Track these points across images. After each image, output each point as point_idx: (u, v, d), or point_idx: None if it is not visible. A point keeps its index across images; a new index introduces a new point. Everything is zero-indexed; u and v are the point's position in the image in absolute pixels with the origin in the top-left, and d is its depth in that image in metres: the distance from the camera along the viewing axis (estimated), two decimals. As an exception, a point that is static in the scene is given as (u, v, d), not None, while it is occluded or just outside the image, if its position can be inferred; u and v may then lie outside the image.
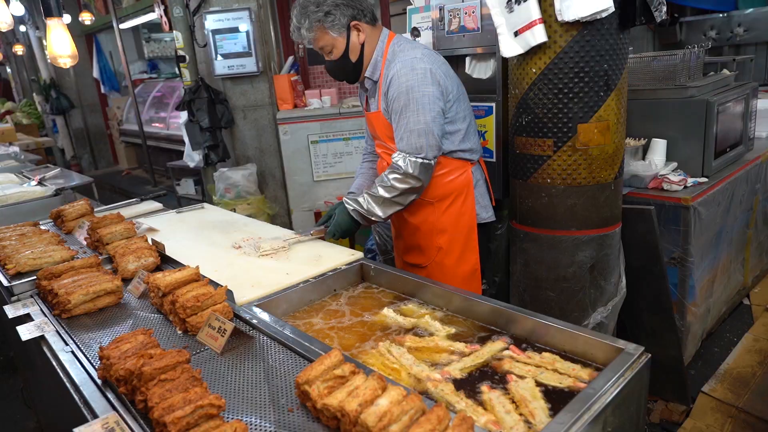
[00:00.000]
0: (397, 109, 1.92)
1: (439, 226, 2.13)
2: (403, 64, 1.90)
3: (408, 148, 1.92)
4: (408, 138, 1.91)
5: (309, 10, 1.91)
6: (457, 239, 2.14)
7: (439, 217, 2.12)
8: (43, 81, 9.75)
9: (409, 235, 2.22)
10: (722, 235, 2.78)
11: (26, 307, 1.67)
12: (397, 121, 1.93)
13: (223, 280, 1.63)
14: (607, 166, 2.00)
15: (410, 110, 1.90)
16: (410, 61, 1.91)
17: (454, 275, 2.17)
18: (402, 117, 1.91)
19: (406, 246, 2.27)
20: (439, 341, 1.41)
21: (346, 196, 2.08)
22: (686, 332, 2.62)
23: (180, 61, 4.63)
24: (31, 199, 3.17)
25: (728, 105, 2.67)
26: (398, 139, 1.94)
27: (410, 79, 1.89)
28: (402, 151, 1.94)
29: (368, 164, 2.46)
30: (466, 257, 2.17)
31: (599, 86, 1.91)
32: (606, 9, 1.77)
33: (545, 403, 1.15)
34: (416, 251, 2.22)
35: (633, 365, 1.17)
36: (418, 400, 0.98)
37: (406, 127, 1.91)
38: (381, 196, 1.98)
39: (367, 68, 2.03)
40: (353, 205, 2.02)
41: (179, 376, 1.09)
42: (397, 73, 1.90)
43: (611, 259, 2.12)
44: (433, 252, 2.17)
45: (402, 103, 1.90)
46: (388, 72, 1.95)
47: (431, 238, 2.15)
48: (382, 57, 2.00)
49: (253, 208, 4.52)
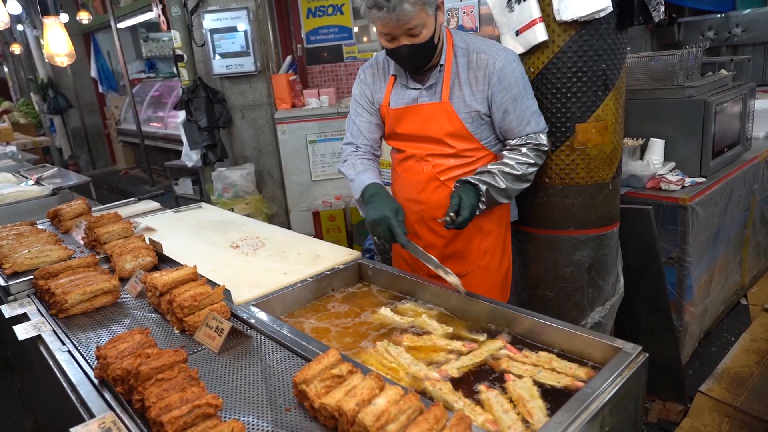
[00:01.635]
0: (516, 96, 1.82)
1: (485, 227, 1.96)
2: (507, 53, 1.83)
3: (537, 128, 1.85)
4: (536, 119, 1.85)
5: None
6: (499, 239, 2.02)
7: (486, 218, 1.93)
8: (40, 80, 9.72)
9: (448, 242, 1.98)
10: (720, 235, 2.79)
11: (23, 307, 1.66)
12: (518, 108, 1.83)
13: (221, 280, 1.63)
14: (605, 165, 2.00)
15: (530, 94, 1.85)
16: (507, 50, 1.86)
17: (497, 276, 2.03)
18: (523, 102, 1.83)
19: (440, 256, 1.95)
20: (436, 340, 1.41)
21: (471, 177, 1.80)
22: (684, 332, 2.63)
23: (178, 60, 4.62)
24: (29, 198, 3.16)
25: (726, 105, 2.68)
26: (524, 123, 1.84)
27: (520, 65, 1.84)
28: (534, 132, 1.85)
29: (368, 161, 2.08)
30: (505, 257, 2.06)
31: (597, 86, 1.91)
32: (604, 9, 1.77)
33: (543, 402, 1.15)
34: (456, 259, 2.00)
35: (631, 365, 1.17)
36: (415, 400, 0.98)
37: (530, 110, 1.84)
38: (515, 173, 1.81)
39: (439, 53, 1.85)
40: (485, 185, 1.77)
41: (176, 376, 1.09)
42: (507, 61, 1.81)
43: (609, 259, 2.12)
44: (478, 257, 1.99)
45: (521, 90, 1.82)
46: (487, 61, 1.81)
47: (475, 241, 1.97)
48: (447, 42, 1.87)
49: (251, 207, 4.52)
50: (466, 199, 1.73)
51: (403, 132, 1.97)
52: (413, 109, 1.91)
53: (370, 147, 2.08)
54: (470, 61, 1.83)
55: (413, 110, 1.91)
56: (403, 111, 1.92)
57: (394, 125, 1.98)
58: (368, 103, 2.03)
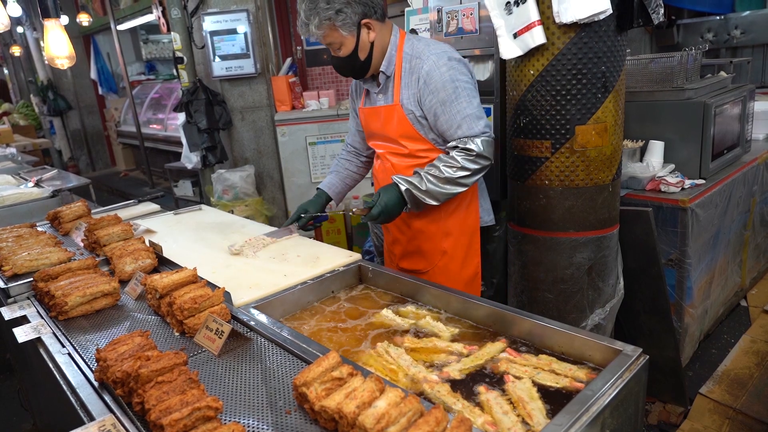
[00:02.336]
0: (445, 99, 1.86)
1: (444, 228, 2.07)
2: (438, 57, 1.87)
3: (470, 132, 1.87)
4: (468, 123, 1.87)
5: (319, 6, 1.83)
6: (461, 242, 2.09)
7: (445, 220, 2.06)
8: (40, 82, 9.73)
9: (410, 239, 2.13)
10: (719, 237, 2.79)
11: (23, 309, 1.66)
12: (447, 112, 1.87)
13: (221, 282, 1.63)
14: (605, 167, 2.00)
15: (461, 98, 1.86)
16: (443, 53, 1.88)
17: (457, 279, 2.11)
18: (452, 106, 1.86)
19: (404, 251, 2.17)
20: (437, 342, 1.41)
21: (396, 176, 1.91)
22: (684, 334, 2.63)
23: (178, 62, 4.62)
24: (28, 200, 3.16)
25: (725, 107, 2.68)
26: (455, 127, 1.87)
27: (450, 68, 1.86)
28: (465, 136, 1.87)
29: (345, 162, 2.34)
30: (468, 261, 2.12)
31: (597, 88, 1.92)
32: (604, 11, 1.78)
33: (543, 404, 1.15)
34: (417, 256, 2.15)
35: (631, 367, 1.17)
36: (416, 402, 0.98)
37: (460, 113, 1.86)
38: (445, 177, 1.86)
39: (380, 63, 1.96)
40: (406, 185, 1.87)
41: (176, 378, 1.09)
42: (435, 65, 1.85)
43: (609, 261, 2.12)
44: (437, 256, 2.10)
45: (450, 93, 1.85)
46: (418, 65, 1.88)
47: (435, 241, 2.08)
48: (396, 51, 1.94)
49: (251, 209, 4.52)
50: (383, 197, 1.89)
51: (370, 131, 2.15)
52: (374, 110, 2.07)
53: (355, 148, 2.34)
54: (411, 66, 1.93)
55: (374, 111, 2.07)
56: (368, 111, 2.10)
57: (365, 125, 2.16)
58: (353, 109, 2.24)
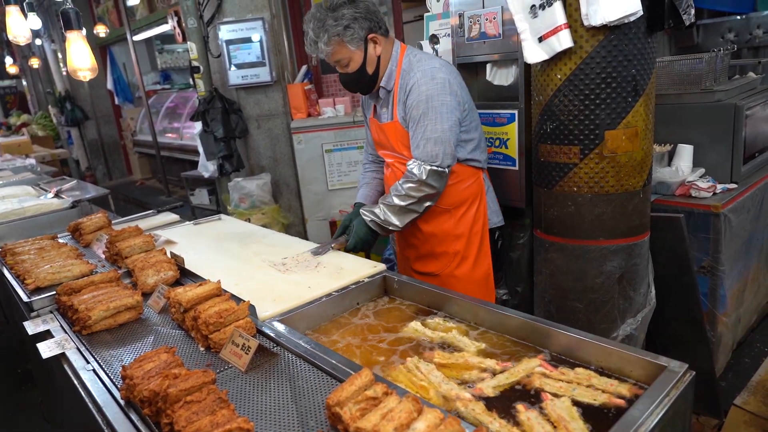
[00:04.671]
0: (416, 117, 1.93)
1: (455, 232, 2.15)
2: (423, 74, 1.92)
3: (423, 156, 1.94)
4: (424, 146, 1.93)
5: (327, 24, 1.88)
6: (472, 244, 2.17)
7: (456, 224, 2.15)
8: (58, 93, 9.86)
9: (422, 243, 2.21)
10: (752, 243, 2.70)
11: (46, 323, 1.64)
12: (415, 129, 1.95)
13: (245, 294, 1.60)
14: (636, 173, 1.94)
15: (429, 119, 1.92)
16: (430, 71, 1.93)
17: (469, 281, 2.18)
18: (420, 125, 1.93)
19: (417, 255, 2.26)
20: (469, 357, 1.36)
21: (362, 208, 2.08)
22: (717, 343, 2.55)
23: (194, 71, 4.64)
24: (49, 211, 3.16)
25: (756, 108, 2.60)
26: (414, 146, 1.96)
27: (430, 88, 1.91)
28: (417, 158, 1.96)
29: (371, 173, 2.45)
30: (480, 262, 2.19)
31: (627, 92, 1.86)
32: (635, 12, 1.73)
33: (584, 424, 1.10)
34: (430, 259, 2.22)
35: (678, 384, 1.12)
36: (456, 424, 0.94)
37: (423, 134, 1.93)
38: (396, 205, 1.99)
39: (381, 79, 2.05)
40: (370, 216, 2.03)
41: (206, 398, 1.05)
42: (417, 82, 1.92)
43: (640, 269, 2.05)
44: (449, 258, 2.17)
45: (421, 111, 1.92)
46: (407, 81, 1.96)
47: (447, 244, 2.16)
48: (396, 67, 2.01)
49: (267, 217, 4.50)
50: (356, 228, 2.04)
51: (378, 142, 2.24)
52: (376, 125, 2.19)
53: (376, 156, 2.40)
54: (404, 81, 1.99)
55: (376, 126, 2.19)
56: (375, 124, 2.20)
57: (374, 136, 2.26)
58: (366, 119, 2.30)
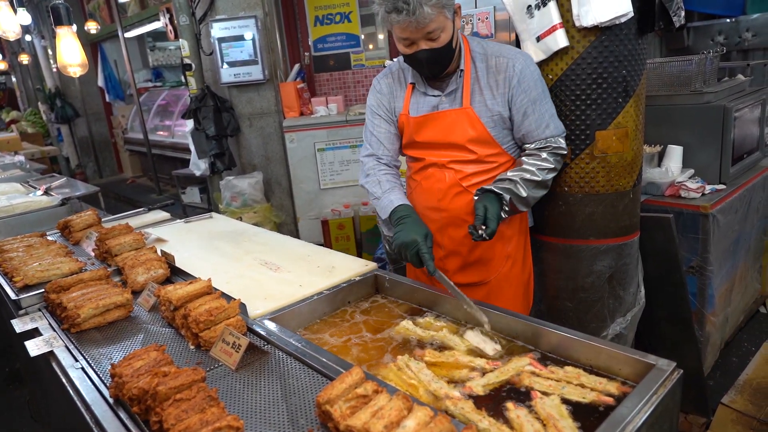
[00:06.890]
0: (535, 99, 1.81)
1: (506, 233, 1.95)
2: (525, 56, 1.84)
3: (556, 131, 1.84)
4: (555, 123, 1.85)
5: None
6: (521, 244, 2.01)
7: (506, 224, 1.93)
8: (48, 90, 9.77)
9: (471, 249, 1.95)
10: (740, 243, 2.73)
11: (34, 321, 1.63)
12: (537, 111, 1.82)
13: (235, 293, 1.60)
14: (626, 173, 1.96)
15: (546, 98, 1.84)
16: (525, 53, 1.87)
17: (519, 283, 2.02)
18: (542, 105, 1.83)
19: (464, 263, 1.98)
20: (459, 356, 1.37)
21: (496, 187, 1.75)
22: (705, 342, 2.57)
23: (186, 69, 4.62)
24: (38, 209, 3.13)
25: (745, 110, 2.63)
26: (543, 127, 1.83)
27: (534, 71, 1.84)
28: (550, 136, 1.83)
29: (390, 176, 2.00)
30: (526, 263, 2.06)
31: (618, 92, 1.87)
32: (625, 14, 1.74)
33: (573, 422, 1.10)
34: (479, 266, 1.98)
35: (665, 382, 1.13)
36: (446, 422, 0.94)
37: (549, 112, 1.84)
38: (540, 180, 1.80)
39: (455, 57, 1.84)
40: (508, 195, 1.74)
41: (195, 396, 1.05)
42: (527, 63, 1.82)
43: (630, 269, 2.07)
44: (501, 263, 1.98)
45: (539, 92, 1.82)
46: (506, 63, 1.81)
47: (499, 247, 1.96)
48: (464, 48, 1.87)
49: (259, 216, 4.49)
50: (492, 209, 1.69)
51: (423, 140, 1.93)
52: (434, 116, 1.88)
53: (391, 158, 2.03)
54: (489, 65, 1.83)
55: (434, 117, 1.88)
56: (423, 119, 1.89)
57: (414, 134, 1.94)
58: (387, 113, 1.99)
